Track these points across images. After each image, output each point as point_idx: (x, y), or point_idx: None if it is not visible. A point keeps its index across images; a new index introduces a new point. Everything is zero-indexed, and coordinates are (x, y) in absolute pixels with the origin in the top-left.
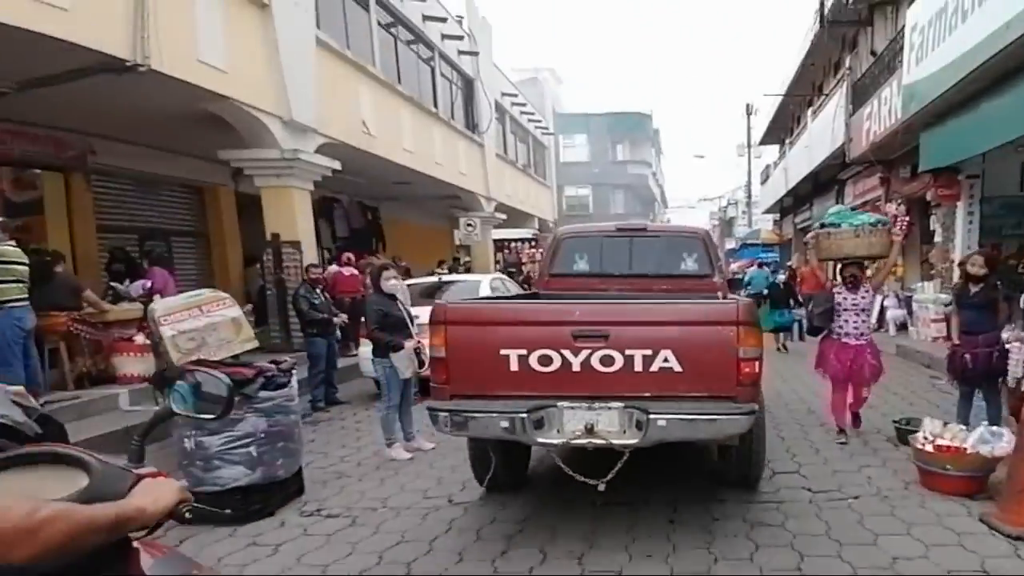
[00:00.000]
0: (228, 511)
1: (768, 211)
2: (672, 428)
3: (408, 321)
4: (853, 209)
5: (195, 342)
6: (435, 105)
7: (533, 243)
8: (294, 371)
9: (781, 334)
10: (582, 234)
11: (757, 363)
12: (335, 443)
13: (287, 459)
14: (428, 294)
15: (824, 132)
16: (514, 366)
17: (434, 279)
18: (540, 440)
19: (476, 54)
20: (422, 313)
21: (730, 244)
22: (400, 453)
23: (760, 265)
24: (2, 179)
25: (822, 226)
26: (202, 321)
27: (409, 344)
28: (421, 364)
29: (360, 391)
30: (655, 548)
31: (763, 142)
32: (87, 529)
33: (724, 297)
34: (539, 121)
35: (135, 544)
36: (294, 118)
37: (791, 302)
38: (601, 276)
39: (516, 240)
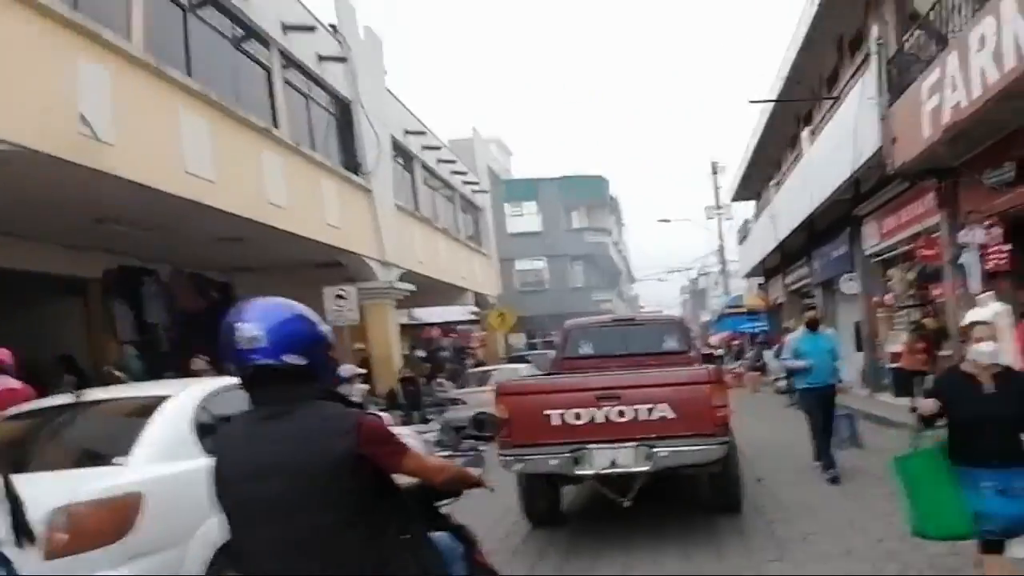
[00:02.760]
0: None
1: (750, 275)
2: (671, 457)
3: None
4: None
5: None
6: (275, 123)
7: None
8: None
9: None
10: (585, 325)
11: (726, 408)
12: None
13: None
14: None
15: (836, 150)
16: (556, 421)
17: (62, 400)
18: (578, 472)
19: (344, 60)
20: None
21: (704, 316)
22: None
23: (812, 324)
24: None
25: None
26: None
27: None
28: None
29: None
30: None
31: (737, 198)
32: (463, 479)
33: (699, 366)
34: (464, 173)
35: None
36: None
37: None
38: (603, 356)
39: (459, 322)
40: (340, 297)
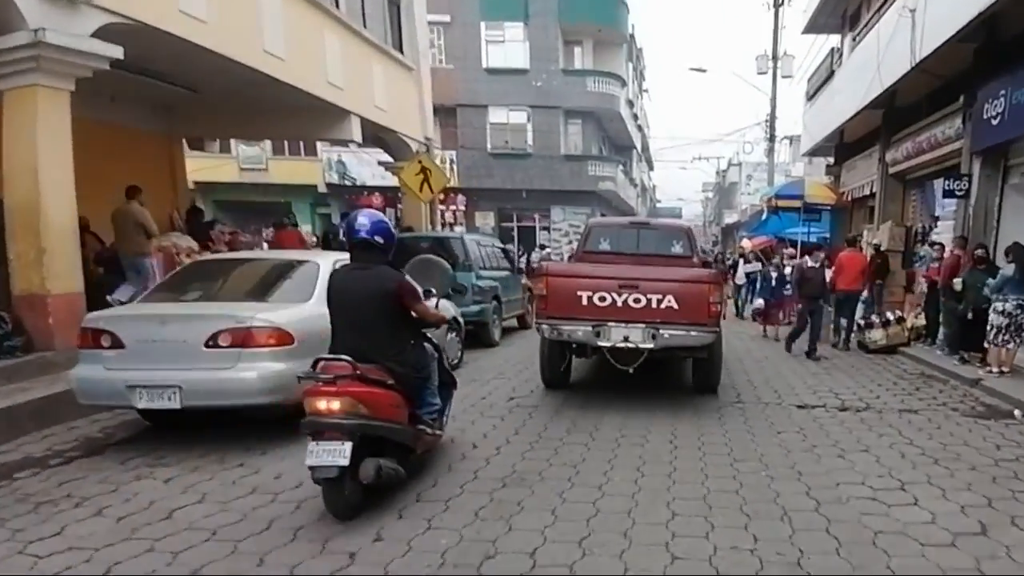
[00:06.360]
0: None
1: (814, 152)
2: (672, 339)
3: None
4: None
5: None
6: None
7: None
8: None
9: None
10: (606, 224)
11: (719, 305)
12: None
13: None
14: None
15: None
16: (584, 301)
17: None
18: (598, 343)
19: None
20: None
21: (731, 217)
22: None
23: None
24: None
25: None
26: None
27: None
28: None
29: None
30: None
31: (812, 28)
32: (442, 320)
33: (702, 269)
34: None
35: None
36: None
37: None
38: (618, 253)
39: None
40: None
